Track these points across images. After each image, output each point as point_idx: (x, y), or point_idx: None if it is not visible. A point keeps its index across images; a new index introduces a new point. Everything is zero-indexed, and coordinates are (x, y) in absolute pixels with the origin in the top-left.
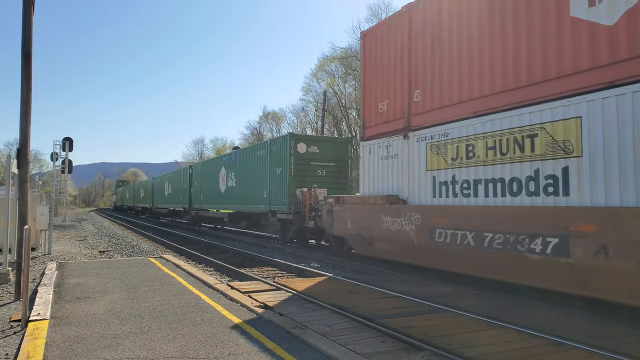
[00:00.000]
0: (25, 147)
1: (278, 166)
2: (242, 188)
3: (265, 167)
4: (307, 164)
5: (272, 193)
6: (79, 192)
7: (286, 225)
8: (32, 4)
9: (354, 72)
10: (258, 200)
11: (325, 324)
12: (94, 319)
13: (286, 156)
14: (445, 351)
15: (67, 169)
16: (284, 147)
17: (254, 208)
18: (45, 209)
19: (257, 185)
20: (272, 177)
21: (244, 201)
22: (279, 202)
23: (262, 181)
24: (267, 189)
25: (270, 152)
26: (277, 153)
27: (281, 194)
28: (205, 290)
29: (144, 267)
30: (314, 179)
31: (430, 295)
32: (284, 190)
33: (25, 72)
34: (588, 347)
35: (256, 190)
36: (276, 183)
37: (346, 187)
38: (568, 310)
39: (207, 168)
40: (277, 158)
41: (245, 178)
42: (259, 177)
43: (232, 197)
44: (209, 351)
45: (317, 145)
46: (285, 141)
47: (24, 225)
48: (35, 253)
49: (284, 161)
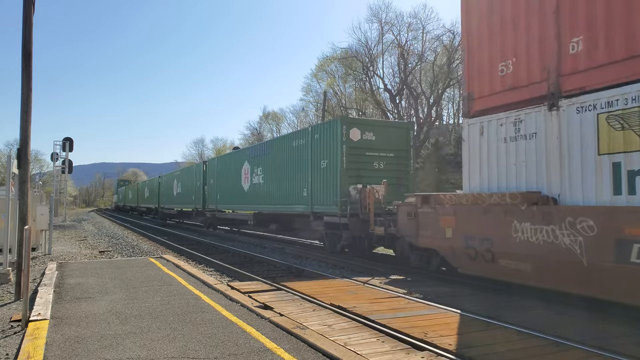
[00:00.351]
0: (25, 147)
1: (324, 158)
2: (272, 185)
3: (304, 160)
4: (361, 155)
5: (315, 191)
6: (79, 192)
7: (336, 232)
8: (32, 4)
9: (354, 72)
10: (294, 199)
11: (325, 324)
12: (94, 319)
13: (336, 145)
14: (445, 351)
15: (67, 169)
16: (333, 134)
17: (289, 209)
18: (46, 209)
19: (292, 182)
20: (315, 171)
21: (275, 201)
22: (326, 202)
23: (301, 177)
24: (308, 186)
25: (313, 142)
26: (322, 142)
27: (328, 192)
28: (206, 290)
29: (144, 267)
30: (370, 174)
31: (430, 295)
32: (332, 187)
33: (26, 72)
34: (588, 347)
35: (291, 188)
36: (320, 179)
37: (408, 183)
38: (568, 310)
39: (226, 163)
40: (322, 148)
41: (276, 173)
42: (295, 172)
43: (258, 196)
44: (209, 351)
45: (373, 130)
46: (335, 126)
47: (24, 225)
48: (35, 253)
49: (333, 151)
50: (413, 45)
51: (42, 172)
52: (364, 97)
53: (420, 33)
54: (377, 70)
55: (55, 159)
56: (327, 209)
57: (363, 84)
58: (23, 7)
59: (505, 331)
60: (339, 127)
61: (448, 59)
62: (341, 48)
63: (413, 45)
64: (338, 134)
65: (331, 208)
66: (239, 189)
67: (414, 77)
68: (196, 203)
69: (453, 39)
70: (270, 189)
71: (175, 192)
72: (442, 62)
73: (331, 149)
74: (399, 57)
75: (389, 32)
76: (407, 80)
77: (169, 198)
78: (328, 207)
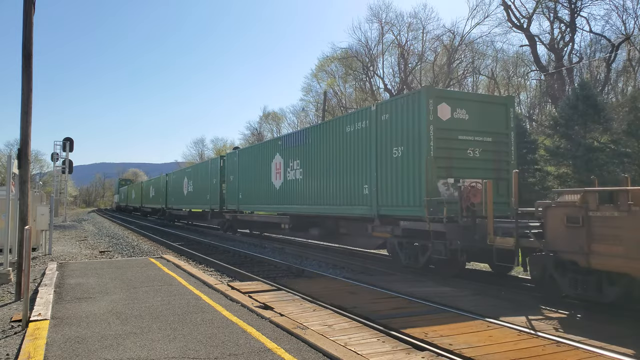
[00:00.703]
0: (26, 147)
1: (397, 144)
2: (313, 182)
3: (365, 148)
4: (453, 139)
5: (382, 188)
6: (80, 192)
7: (419, 242)
8: (32, 4)
9: (354, 72)
10: (348, 198)
11: (325, 324)
12: (94, 319)
13: (418, 126)
14: (446, 351)
15: (67, 169)
16: (414, 112)
17: (340, 210)
18: (46, 209)
19: (346, 177)
20: (383, 162)
21: (318, 200)
22: (401, 201)
23: (359, 170)
24: (372, 181)
25: (379, 124)
26: (394, 123)
27: (407, 189)
28: (206, 290)
29: (145, 268)
30: (463, 164)
31: (430, 295)
32: (413, 183)
33: (26, 72)
34: (588, 346)
35: (344, 185)
36: (391, 172)
37: (509, 176)
38: (568, 310)
39: (250, 157)
40: (394, 131)
41: (321, 167)
42: (350, 165)
43: (295, 194)
44: (210, 351)
45: (465, 107)
46: (417, 101)
47: (25, 225)
48: (35, 253)
49: (413, 135)
50: (413, 45)
51: (42, 172)
52: (364, 97)
53: (421, 33)
54: (377, 70)
55: (55, 159)
56: (404, 211)
57: (363, 84)
58: (23, 7)
59: (505, 331)
60: (423, 101)
61: (448, 59)
62: (341, 48)
63: (413, 45)
64: (422, 111)
65: (412, 210)
66: (268, 186)
67: (414, 77)
68: (212, 203)
69: (453, 39)
70: (311, 186)
71: (185, 191)
72: (442, 62)
73: (410, 131)
74: (399, 57)
75: (389, 32)
76: (407, 80)
77: (178, 198)
78: (406, 208)
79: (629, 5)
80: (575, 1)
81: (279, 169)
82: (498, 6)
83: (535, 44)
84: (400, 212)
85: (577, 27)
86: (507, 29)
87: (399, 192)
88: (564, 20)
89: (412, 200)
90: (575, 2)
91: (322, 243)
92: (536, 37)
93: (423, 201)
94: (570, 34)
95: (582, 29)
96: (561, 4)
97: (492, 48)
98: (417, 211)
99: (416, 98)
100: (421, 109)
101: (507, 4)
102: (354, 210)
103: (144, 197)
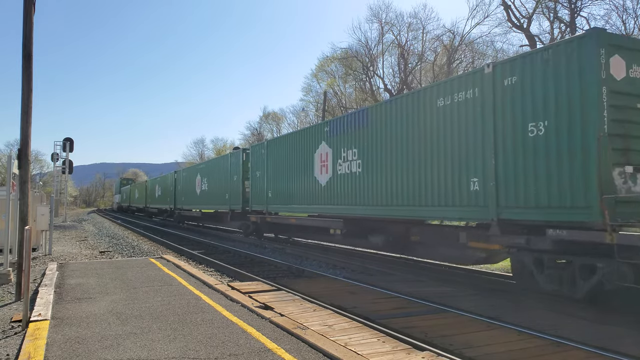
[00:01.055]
0: (26, 147)
1: (535, 119)
2: (379, 176)
3: (472, 126)
4: (631, 109)
5: (507, 181)
6: (80, 192)
7: (585, 261)
8: (32, 5)
9: (354, 72)
10: (441, 197)
11: (325, 324)
12: (94, 320)
13: (582, 89)
14: (446, 352)
15: (67, 169)
16: (572, 67)
17: (423, 213)
18: (46, 210)
19: (436, 168)
20: (507, 145)
21: (386, 200)
22: (548, 200)
23: (462, 158)
24: (486, 173)
25: (498, 91)
26: (531, 88)
27: (556, 181)
28: (206, 290)
29: (145, 268)
30: None
31: (430, 295)
32: (572, 172)
33: (26, 72)
34: (588, 347)
35: (435, 178)
36: (526, 158)
37: None
38: (568, 310)
39: (284, 148)
40: (529, 100)
41: (392, 156)
42: (443, 152)
43: (350, 192)
44: (210, 352)
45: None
46: (582, 50)
47: (25, 225)
48: (35, 253)
49: (569, 102)
50: (413, 45)
51: (42, 172)
52: (364, 97)
53: (420, 33)
54: (377, 70)
55: (55, 159)
56: (552, 214)
57: (363, 84)
58: (23, 7)
59: (505, 331)
60: (591, 51)
61: (448, 59)
62: (341, 48)
63: (413, 45)
64: (589, 65)
65: (569, 213)
66: (310, 183)
67: (414, 77)
68: (232, 203)
69: (453, 39)
70: (375, 182)
71: (198, 189)
72: (442, 62)
73: (562, 98)
74: (399, 57)
75: (389, 32)
76: (407, 80)
77: (189, 197)
78: (556, 211)
79: (629, 5)
80: (575, 1)
81: (326, 160)
82: (498, 6)
83: (535, 44)
84: (542, 217)
85: (577, 27)
86: (507, 29)
87: (541, 187)
88: (564, 20)
89: (568, 199)
90: (575, 2)
91: (322, 243)
92: (536, 37)
93: (593, 200)
94: (570, 34)
95: (582, 29)
96: (561, 4)
97: (492, 48)
98: (580, 214)
99: (575, 47)
100: (587, 62)
101: (507, 4)
102: (448, 214)
103: (148, 197)
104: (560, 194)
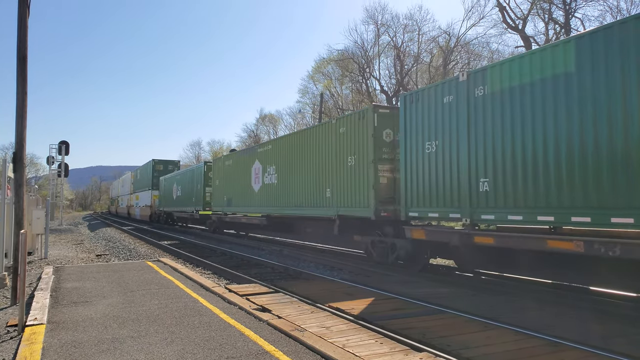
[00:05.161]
0: (21, 150)
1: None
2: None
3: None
4: None
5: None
6: (76, 195)
7: None
8: (27, 7)
9: (351, 74)
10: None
11: (323, 326)
12: (91, 323)
13: None
14: (443, 352)
15: (63, 172)
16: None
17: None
18: (42, 213)
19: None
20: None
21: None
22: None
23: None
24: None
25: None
26: None
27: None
28: (203, 293)
29: (142, 271)
30: None
31: (428, 296)
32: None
33: (21, 75)
34: (585, 347)
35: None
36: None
37: None
38: (565, 310)
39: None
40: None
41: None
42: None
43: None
44: (207, 354)
45: None
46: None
47: (20, 229)
48: (31, 257)
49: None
50: (409, 46)
51: (38, 175)
52: (360, 99)
53: (416, 34)
54: (373, 72)
55: (51, 162)
56: (360, 211)
57: (359, 85)
58: (18, 10)
59: (503, 332)
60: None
61: (444, 60)
62: (337, 50)
63: (409, 47)
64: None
65: (364, 210)
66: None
67: (410, 79)
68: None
69: (449, 41)
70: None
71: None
72: (438, 64)
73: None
74: (395, 58)
75: (385, 34)
76: (403, 82)
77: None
78: (361, 209)
79: (622, 7)
80: (569, 2)
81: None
82: (493, 7)
83: (531, 45)
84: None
85: (571, 28)
86: (503, 30)
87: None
88: (558, 21)
89: (364, 201)
90: (569, 3)
91: (319, 245)
92: (531, 38)
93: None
94: (565, 35)
95: (577, 30)
96: (556, 5)
97: (488, 49)
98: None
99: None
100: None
101: (502, 5)
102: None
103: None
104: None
